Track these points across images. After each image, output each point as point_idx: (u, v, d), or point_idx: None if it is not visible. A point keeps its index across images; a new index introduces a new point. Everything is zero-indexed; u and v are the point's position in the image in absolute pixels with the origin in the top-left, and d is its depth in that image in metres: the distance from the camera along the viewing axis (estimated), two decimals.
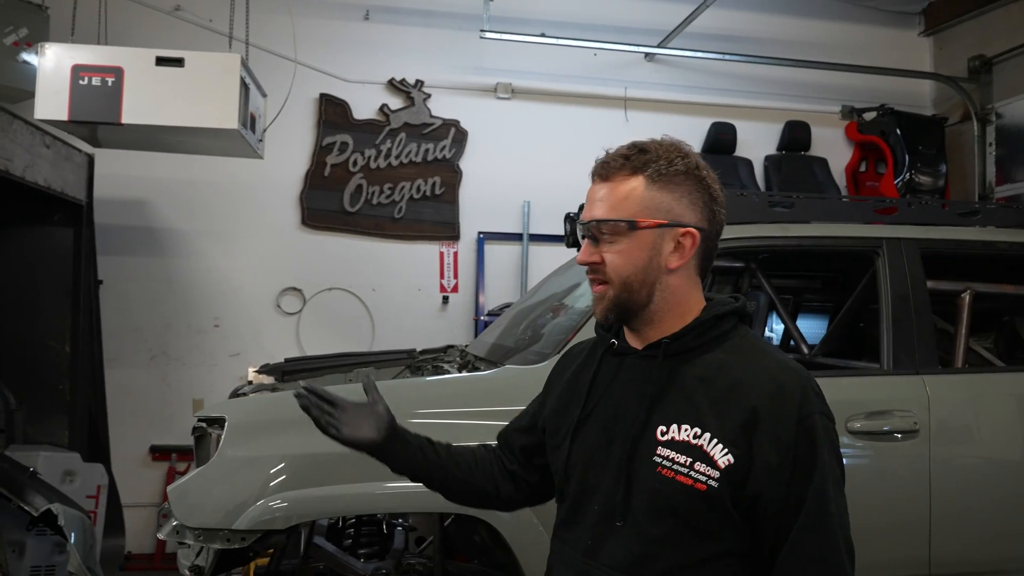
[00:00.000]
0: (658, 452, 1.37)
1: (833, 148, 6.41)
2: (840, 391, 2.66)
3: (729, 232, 2.75)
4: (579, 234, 1.55)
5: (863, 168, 6.46)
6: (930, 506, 2.56)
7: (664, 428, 1.38)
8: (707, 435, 1.34)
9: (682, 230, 1.42)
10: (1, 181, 3.60)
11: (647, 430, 1.40)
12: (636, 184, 1.43)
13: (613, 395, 1.49)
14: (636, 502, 1.38)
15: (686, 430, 1.36)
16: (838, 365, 3.00)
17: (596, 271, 1.45)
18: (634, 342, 1.50)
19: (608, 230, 1.43)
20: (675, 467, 1.35)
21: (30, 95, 3.71)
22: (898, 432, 2.58)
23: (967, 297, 3.06)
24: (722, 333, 1.44)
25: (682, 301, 1.45)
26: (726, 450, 1.32)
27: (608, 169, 1.47)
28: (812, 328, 4.19)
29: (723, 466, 1.31)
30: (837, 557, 1.29)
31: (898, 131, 6.12)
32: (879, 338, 2.79)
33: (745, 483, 1.31)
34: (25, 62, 4.33)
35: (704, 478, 1.32)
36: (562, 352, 1.77)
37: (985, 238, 3.04)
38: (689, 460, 1.34)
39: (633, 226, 1.41)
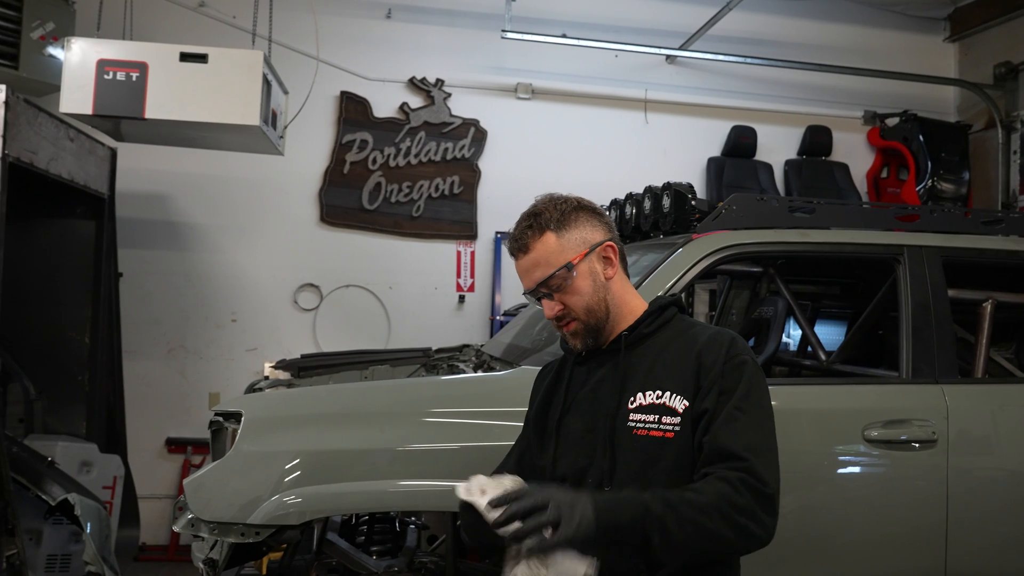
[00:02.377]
0: (631, 418, 1.67)
1: (855, 153, 6.37)
2: (858, 399, 2.64)
3: (747, 237, 2.76)
4: (534, 300, 1.80)
5: (885, 174, 6.41)
6: (947, 516, 2.52)
7: (633, 399, 1.68)
8: (668, 393, 1.66)
9: (601, 247, 1.74)
10: (26, 173, 3.64)
11: (621, 406, 1.69)
12: (549, 239, 1.72)
13: (588, 390, 1.77)
14: (619, 466, 1.65)
15: (650, 395, 1.67)
16: (856, 372, 2.97)
17: (562, 317, 1.74)
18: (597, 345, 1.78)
19: (555, 283, 1.71)
20: (647, 426, 1.65)
21: (56, 89, 3.75)
22: (916, 441, 2.54)
23: (989, 307, 3.02)
24: (667, 320, 1.78)
25: (627, 301, 1.78)
26: (682, 397, 1.64)
27: (522, 242, 1.74)
28: (831, 335, 4.16)
29: (681, 410, 1.63)
30: (739, 452, 1.54)
31: (921, 137, 6.06)
32: (898, 346, 2.76)
33: (694, 408, 1.62)
34: (51, 56, 4.38)
35: (670, 426, 1.63)
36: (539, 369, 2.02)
37: (1009, 247, 3.00)
38: (656, 416, 1.65)
39: (570, 267, 1.70)
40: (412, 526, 2.75)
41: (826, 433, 2.56)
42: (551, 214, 1.73)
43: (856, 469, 2.57)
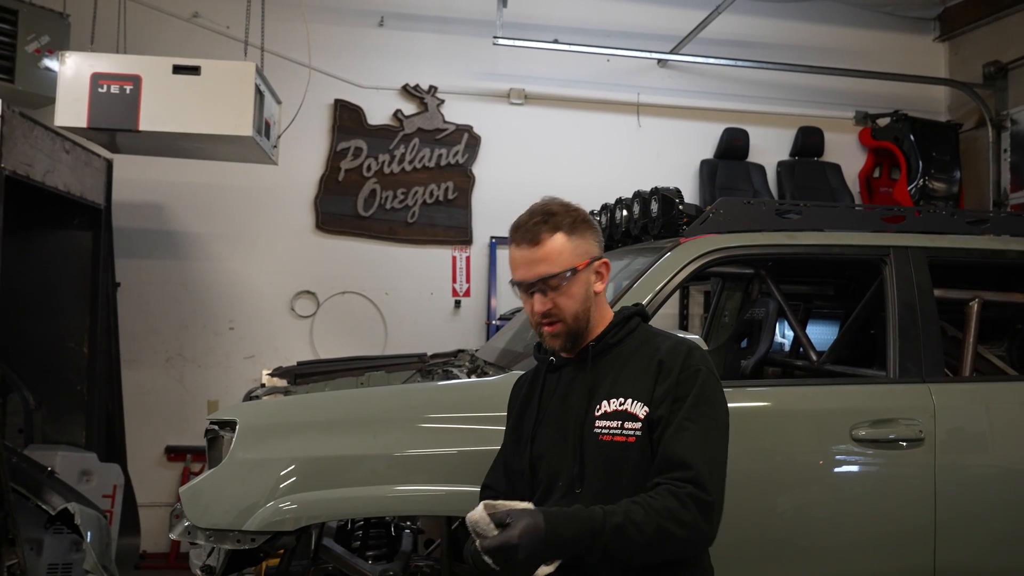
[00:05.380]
0: (597, 425, 1.78)
1: (847, 154, 6.39)
2: (846, 399, 2.67)
3: (734, 240, 2.79)
4: (523, 292, 1.86)
5: (877, 174, 6.44)
6: (935, 515, 2.55)
7: (599, 407, 1.79)
8: (630, 400, 1.76)
9: (598, 262, 1.86)
10: (22, 186, 3.67)
11: (588, 414, 1.80)
12: (560, 239, 1.81)
13: (559, 399, 1.89)
14: (588, 470, 1.77)
15: (614, 402, 1.78)
16: (844, 373, 3.00)
17: (550, 315, 1.82)
18: (567, 354, 1.90)
19: (555, 283, 1.79)
20: (611, 431, 1.76)
21: (51, 101, 3.78)
22: (903, 440, 2.57)
23: (975, 306, 3.06)
24: (631, 329, 1.89)
25: (604, 313, 1.90)
26: (643, 404, 1.75)
27: (534, 234, 1.81)
28: (827, 335, 4.18)
29: (642, 415, 1.74)
30: (687, 460, 1.65)
31: (912, 137, 6.10)
32: (886, 346, 2.80)
33: (651, 414, 1.73)
34: (47, 69, 4.42)
35: (632, 431, 1.74)
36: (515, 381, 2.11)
37: (995, 247, 3.04)
38: (619, 423, 1.76)
39: (574, 271, 1.80)
40: (407, 531, 2.77)
41: (815, 433, 2.59)
42: (564, 218, 1.83)
43: (845, 469, 2.60)
